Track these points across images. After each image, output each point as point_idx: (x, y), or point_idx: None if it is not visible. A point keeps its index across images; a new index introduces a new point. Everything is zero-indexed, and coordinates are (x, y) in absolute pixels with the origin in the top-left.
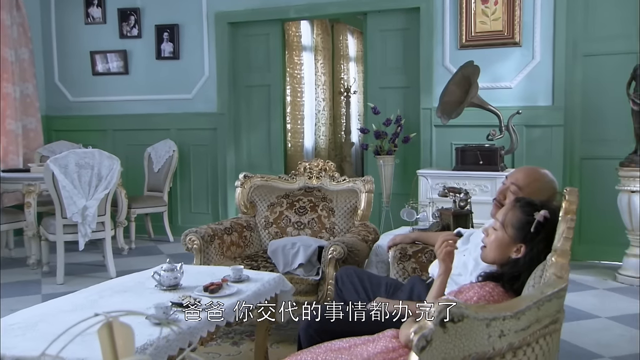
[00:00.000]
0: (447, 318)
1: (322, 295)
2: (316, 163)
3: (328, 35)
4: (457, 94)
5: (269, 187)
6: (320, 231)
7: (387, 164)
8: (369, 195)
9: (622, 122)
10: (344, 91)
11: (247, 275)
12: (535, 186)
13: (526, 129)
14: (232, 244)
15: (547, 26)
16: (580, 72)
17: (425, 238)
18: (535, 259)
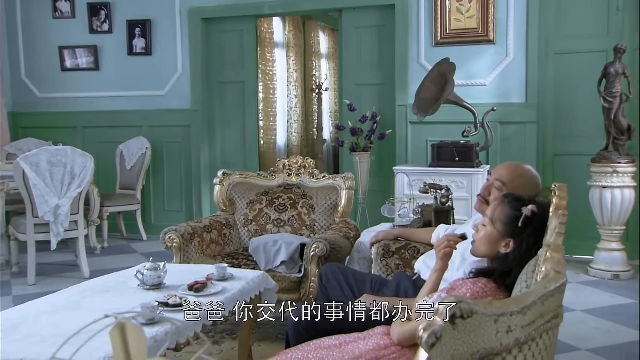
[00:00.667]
0: (457, 314)
1: (304, 292)
2: (295, 160)
3: (300, 32)
4: (433, 91)
5: (248, 185)
6: (301, 228)
7: (363, 161)
8: (349, 192)
9: (592, 119)
10: (315, 88)
11: (231, 274)
12: (519, 182)
13: (500, 126)
14: (211, 242)
15: (520, 24)
16: (553, 69)
17: (409, 235)
18: (526, 254)
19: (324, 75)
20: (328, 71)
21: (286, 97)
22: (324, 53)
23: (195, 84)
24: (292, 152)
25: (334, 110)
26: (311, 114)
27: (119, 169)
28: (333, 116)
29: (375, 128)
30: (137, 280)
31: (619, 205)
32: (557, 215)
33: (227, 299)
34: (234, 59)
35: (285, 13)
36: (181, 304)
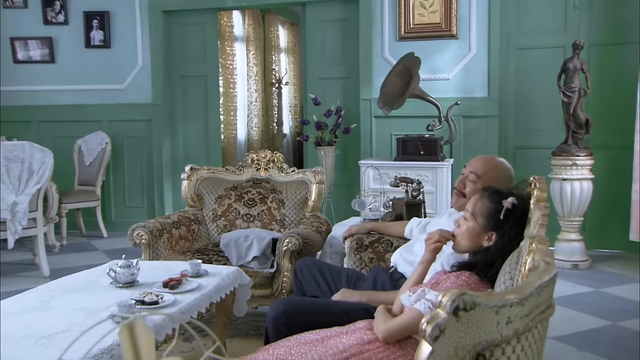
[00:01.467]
0: (461, 306)
1: (277, 287)
2: (264, 154)
3: (260, 26)
4: (397, 85)
5: (216, 180)
6: (271, 223)
7: (328, 155)
8: (319, 186)
9: (552, 113)
10: (275, 82)
11: (205, 270)
12: (493, 174)
13: (463, 120)
14: (180, 238)
15: (482, 20)
16: (514, 64)
17: (381, 228)
18: (508, 246)
19: (284, 69)
20: (287, 65)
21: (246, 91)
22: (283, 47)
23: (156, 78)
24: (253, 147)
25: (294, 104)
26: (271, 108)
27: (77, 165)
28: (293, 110)
29: (340, 122)
30: (108, 278)
31: (578, 197)
32: (539, 207)
33: (204, 296)
34: (195, 53)
35: (248, 6)
36: (158, 301)
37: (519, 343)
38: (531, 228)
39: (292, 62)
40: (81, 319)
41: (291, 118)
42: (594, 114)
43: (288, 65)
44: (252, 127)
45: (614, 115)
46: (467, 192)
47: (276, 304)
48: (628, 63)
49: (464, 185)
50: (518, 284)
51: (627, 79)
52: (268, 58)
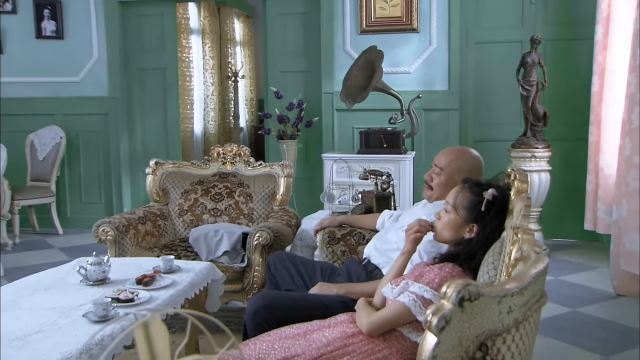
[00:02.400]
0: (466, 297)
1: (248, 282)
2: (230, 148)
3: (215, 18)
4: (360, 78)
5: (181, 174)
6: (238, 217)
7: (290, 149)
8: (287, 179)
9: (510, 106)
10: (231, 76)
11: (177, 266)
12: (454, 165)
13: (424, 113)
14: (146, 233)
15: (442, 14)
16: (473, 58)
17: (353, 221)
18: (490, 237)
19: (240, 62)
20: (243, 58)
21: (202, 84)
22: (238, 40)
23: (112, 71)
24: (209, 141)
25: (250, 98)
26: (227, 101)
27: (29, 160)
28: (249, 104)
29: (303, 116)
30: (77, 275)
31: (536, 188)
32: (520, 198)
33: (179, 292)
34: (153, 45)
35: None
36: (133, 298)
37: (517, 332)
38: (514, 219)
39: (247, 56)
40: (54, 318)
41: (247, 112)
42: (549, 107)
43: (244, 58)
44: (209, 121)
45: (568, 109)
46: (433, 185)
47: (255, 298)
48: (582, 58)
49: (431, 178)
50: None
51: (582, 73)
52: (224, 51)
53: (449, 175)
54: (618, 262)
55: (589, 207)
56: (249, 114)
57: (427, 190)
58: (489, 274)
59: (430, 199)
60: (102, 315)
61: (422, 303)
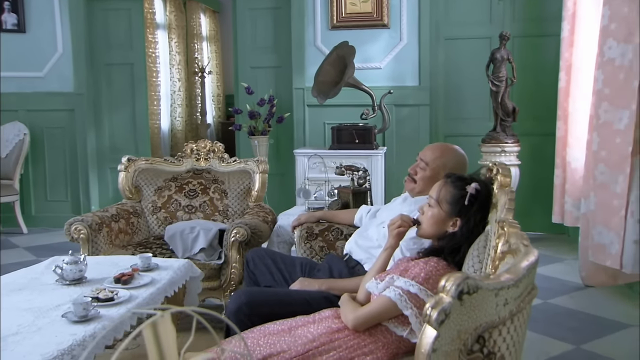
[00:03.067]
0: (465, 290)
1: (225, 279)
2: (204, 144)
3: (182, 13)
4: (332, 74)
5: (154, 171)
6: (213, 214)
7: (261, 145)
8: (263, 175)
9: (479, 101)
10: (198, 71)
11: (156, 264)
12: (440, 161)
13: (395, 108)
14: (120, 231)
15: (412, 10)
16: (443, 54)
17: (331, 216)
18: (474, 231)
19: (206, 58)
20: (210, 54)
21: (169, 80)
22: (205, 35)
23: (78, 65)
24: (176, 137)
25: (217, 94)
26: (194, 97)
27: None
28: (216, 100)
29: (274, 112)
30: (52, 275)
31: None
32: (504, 191)
33: (159, 290)
34: (120, 40)
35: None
36: (113, 297)
37: (512, 324)
38: (498, 212)
39: (214, 51)
40: (31, 319)
41: (214, 108)
42: (517, 103)
43: (211, 54)
44: (176, 117)
45: (536, 104)
46: (417, 178)
47: (237, 295)
48: (549, 54)
49: (415, 172)
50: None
51: (548, 69)
52: (190, 46)
53: (434, 171)
54: (586, 254)
55: (556, 200)
56: (216, 110)
57: (410, 183)
58: (474, 267)
59: (412, 192)
60: (82, 315)
61: (408, 297)
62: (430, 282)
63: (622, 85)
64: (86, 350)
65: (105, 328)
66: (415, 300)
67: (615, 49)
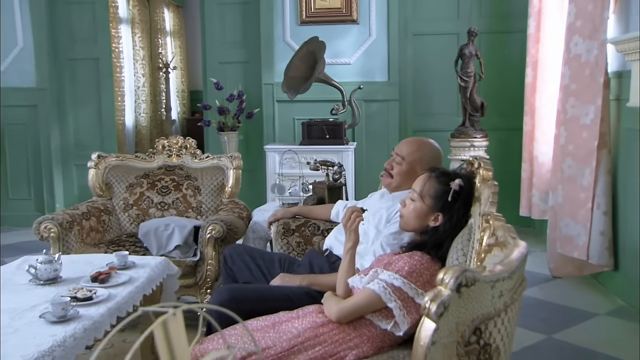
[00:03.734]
0: (463, 283)
1: (200, 276)
2: (175, 140)
3: (145, 8)
4: (302, 69)
5: (125, 167)
6: (187, 211)
7: (231, 140)
8: (237, 171)
9: (447, 97)
10: (162, 67)
11: (132, 262)
12: (416, 155)
13: (365, 104)
14: (91, 229)
15: (381, 6)
16: (411, 50)
17: (307, 212)
18: (457, 226)
19: (170, 53)
20: (174, 49)
21: (133, 75)
22: (169, 30)
23: (40, 60)
24: (141, 134)
25: (181, 90)
26: (159, 93)
27: None
28: (180, 96)
29: (244, 107)
30: (25, 275)
31: None
32: (488, 185)
33: (138, 288)
34: (84, 34)
35: None
36: (91, 297)
37: (506, 315)
38: (482, 206)
39: (178, 46)
40: (7, 321)
41: (179, 104)
42: (485, 98)
43: (175, 49)
44: (140, 113)
45: (503, 99)
46: (393, 173)
47: (219, 292)
48: (515, 50)
49: (391, 166)
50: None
51: (515, 65)
52: (154, 41)
53: (410, 165)
54: (554, 245)
55: (524, 194)
56: (180, 106)
57: (387, 178)
58: (459, 260)
59: (389, 187)
60: (60, 316)
61: (392, 290)
62: (414, 275)
63: (588, 81)
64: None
65: (85, 328)
66: (399, 293)
67: (581, 45)
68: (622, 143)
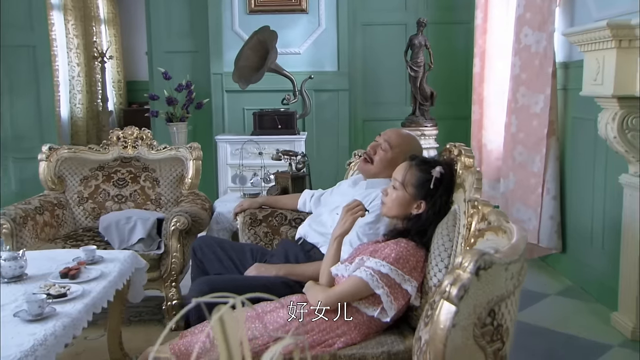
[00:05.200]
0: (482, 266)
1: (165, 269)
2: (131, 131)
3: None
4: (253, 59)
5: (78, 159)
6: (145, 203)
7: (180, 131)
8: (197, 162)
9: (396, 86)
10: (98, 56)
11: (100, 256)
12: (405, 148)
13: (315, 94)
14: (45, 224)
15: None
16: (360, 40)
17: (273, 202)
18: (441, 213)
19: (106, 42)
20: (109, 38)
21: (67, 65)
22: (103, 18)
23: None
24: (77, 125)
25: (117, 80)
26: (94, 83)
27: None
28: (116, 86)
29: (194, 97)
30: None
31: None
32: (471, 172)
33: (111, 283)
34: (19, 21)
35: None
36: (65, 293)
37: (514, 297)
38: (467, 192)
39: (113, 35)
40: None
41: (115, 94)
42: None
43: (110, 37)
44: (76, 104)
45: (451, 89)
46: (375, 159)
47: (198, 284)
48: (461, 41)
49: (374, 151)
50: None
51: (461, 55)
52: (88, 29)
53: (396, 155)
54: None
55: None
56: (117, 97)
57: (366, 164)
58: (445, 245)
59: (367, 172)
60: (37, 314)
61: (379, 277)
62: (400, 262)
63: (538, 71)
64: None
65: (65, 325)
66: (386, 279)
67: (531, 36)
68: (569, 130)
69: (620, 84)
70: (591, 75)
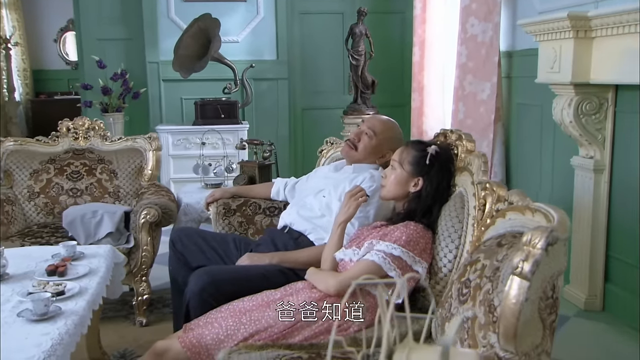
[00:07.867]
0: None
1: (135, 263)
2: (81, 122)
3: None
4: (193, 47)
5: (26, 152)
6: (103, 196)
7: (117, 122)
8: (157, 153)
9: (335, 75)
10: (1, 43)
11: (81, 252)
12: (388, 134)
13: (254, 82)
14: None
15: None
16: (298, 28)
17: (246, 191)
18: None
19: (9, 28)
20: (12, 23)
21: None
22: (4, 1)
23: None
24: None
25: (23, 68)
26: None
27: None
28: (22, 75)
29: (132, 87)
30: None
31: None
32: (476, 155)
33: (103, 278)
34: None
35: None
36: (63, 291)
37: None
38: (474, 175)
39: (16, 20)
40: None
41: (21, 84)
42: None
43: (14, 23)
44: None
45: (390, 77)
46: (359, 146)
47: (198, 276)
48: (397, 30)
49: (358, 138)
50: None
51: (398, 44)
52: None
53: (380, 142)
54: None
55: None
56: (23, 87)
57: (350, 150)
58: (455, 227)
59: (351, 158)
60: (42, 313)
61: (391, 260)
62: (411, 244)
63: (484, 60)
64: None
65: (75, 324)
66: (398, 262)
67: (477, 26)
68: (514, 116)
69: (577, 72)
70: (548, 63)
